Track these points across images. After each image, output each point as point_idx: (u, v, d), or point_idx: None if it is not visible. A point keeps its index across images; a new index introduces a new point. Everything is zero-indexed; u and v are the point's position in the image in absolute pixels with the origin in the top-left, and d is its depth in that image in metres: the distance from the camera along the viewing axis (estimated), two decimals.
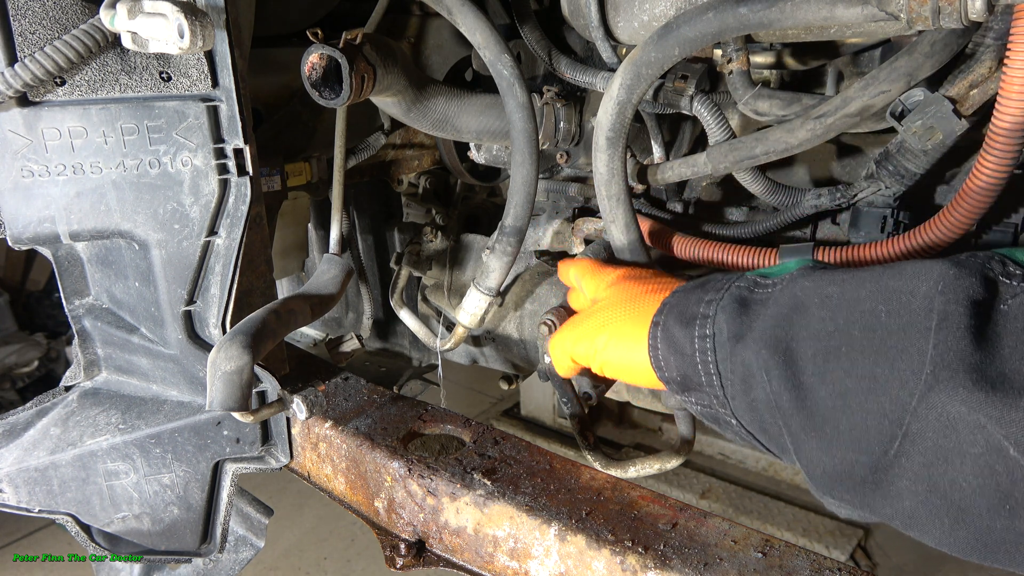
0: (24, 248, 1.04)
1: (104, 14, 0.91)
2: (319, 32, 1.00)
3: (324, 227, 1.88)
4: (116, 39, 0.94)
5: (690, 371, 0.77)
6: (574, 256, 1.32)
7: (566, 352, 0.96)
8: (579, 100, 1.37)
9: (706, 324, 0.76)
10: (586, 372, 1.00)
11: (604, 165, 1.03)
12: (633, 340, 0.86)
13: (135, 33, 0.90)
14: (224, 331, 1.10)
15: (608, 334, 0.89)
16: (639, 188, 1.28)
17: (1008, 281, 0.60)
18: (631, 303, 0.90)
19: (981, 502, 0.54)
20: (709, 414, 0.79)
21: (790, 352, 0.66)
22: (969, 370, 0.55)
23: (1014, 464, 0.52)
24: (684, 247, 1.18)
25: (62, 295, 1.16)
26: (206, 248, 1.08)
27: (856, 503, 0.64)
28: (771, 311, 0.71)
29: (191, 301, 1.10)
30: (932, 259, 0.63)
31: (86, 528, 1.21)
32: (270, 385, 1.15)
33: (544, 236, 1.47)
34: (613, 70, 1.23)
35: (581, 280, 1.03)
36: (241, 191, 1.06)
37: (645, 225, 1.22)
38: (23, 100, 0.96)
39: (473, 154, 1.53)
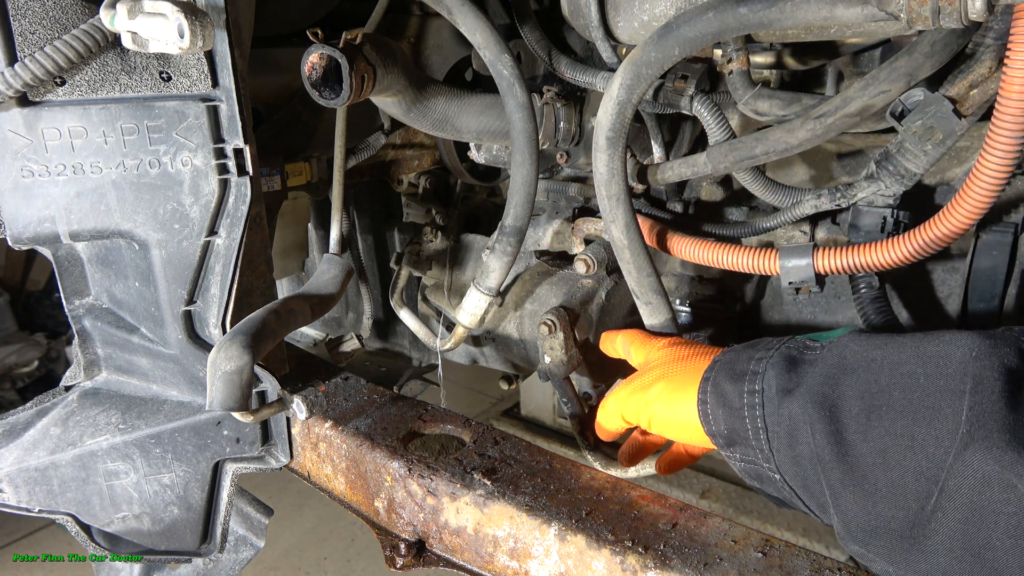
0: (24, 248, 1.04)
1: (104, 14, 0.91)
2: (319, 32, 1.00)
3: (324, 227, 1.88)
4: (116, 39, 0.94)
5: (737, 424, 0.80)
6: (574, 255, 1.32)
7: (617, 409, 1.00)
8: (579, 100, 1.37)
9: (756, 380, 0.80)
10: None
11: (604, 165, 1.03)
12: (683, 394, 0.89)
13: (135, 33, 0.90)
14: (224, 331, 1.10)
15: (660, 388, 0.93)
16: (639, 188, 1.28)
17: None
18: (683, 361, 0.95)
19: (1014, 563, 0.56)
20: (752, 470, 0.82)
21: (835, 409, 0.70)
22: (1003, 431, 0.58)
23: None
24: (684, 247, 1.18)
25: (62, 295, 1.15)
26: (206, 248, 1.08)
27: (891, 558, 0.66)
28: (819, 370, 0.75)
29: (191, 301, 1.10)
30: (969, 331, 0.67)
31: (86, 528, 1.21)
32: (270, 385, 1.15)
33: (544, 236, 1.47)
34: (613, 70, 1.23)
35: (629, 347, 1.07)
36: (241, 191, 1.06)
37: (645, 225, 1.22)
38: (23, 100, 0.96)
39: (473, 154, 1.53)
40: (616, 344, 1.12)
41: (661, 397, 0.92)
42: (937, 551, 0.60)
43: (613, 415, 1.01)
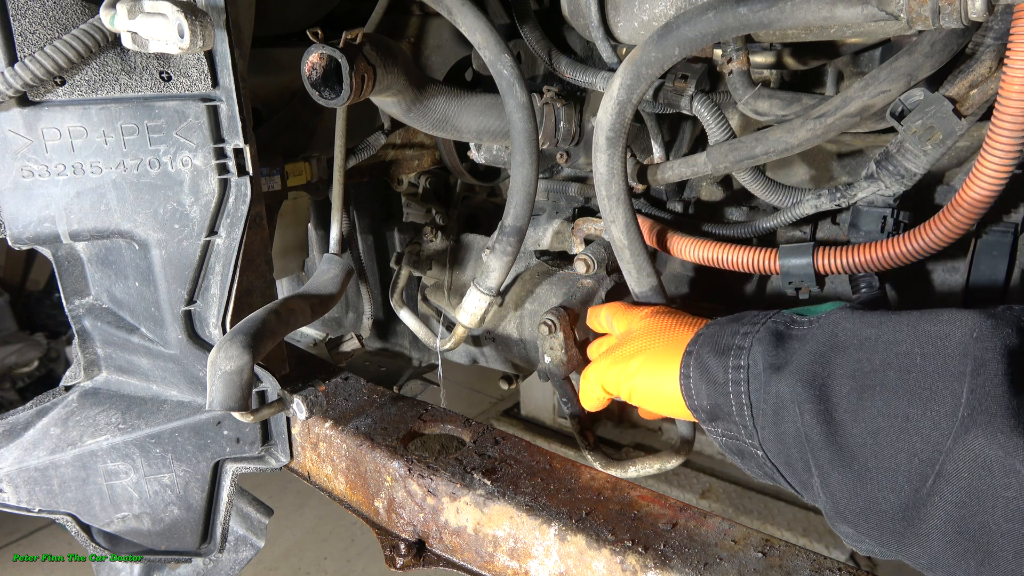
0: (24, 248, 1.04)
1: (104, 14, 0.91)
2: (319, 32, 1.00)
3: (324, 227, 1.88)
4: (116, 39, 0.94)
5: (720, 400, 0.79)
6: (574, 255, 1.32)
7: (598, 380, 0.98)
8: (579, 100, 1.37)
9: (741, 355, 0.78)
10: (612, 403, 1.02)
11: (604, 165, 1.03)
12: (665, 367, 0.88)
13: (135, 33, 0.90)
14: (224, 331, 1.10)
15: (641, 360, 0.91)
16: (639, 188, 1.28)
17: None
18: (665, 332, 0.92)
19: (1009, 547, 0.55)
20: (734, 445, 0.81)
21: (825, 388, 0.68)
22: (1006, 415, 0.56)
23: None
24: (684, 247, 1.18)
25: (62, 295, 1.15)
26: (206, 248, 1.08)
27: (882, 540, 0.65)
28: (809, 348, 0.72)
29: (191, 301, 1.10)
30: (968, 309, 0.65)
31: (86, 528, 1.21)
32: (270, 385, 1.15)
33: (544, 236, 1.47)
34: (613, 70, 1.23)
35: (612, 319, 1.05)
36: (241, 191, 1.06)
37: (645, 225, 1.22)
38: (23, 100, 0.96)
39: (473, 154, 1.53)
40: (600, 318, 1.09)
41: (642, 369, 0.90)
42: (931, 534, 0.59)
43: (593, 386, 0.99)
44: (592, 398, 1.02)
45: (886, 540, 0.64)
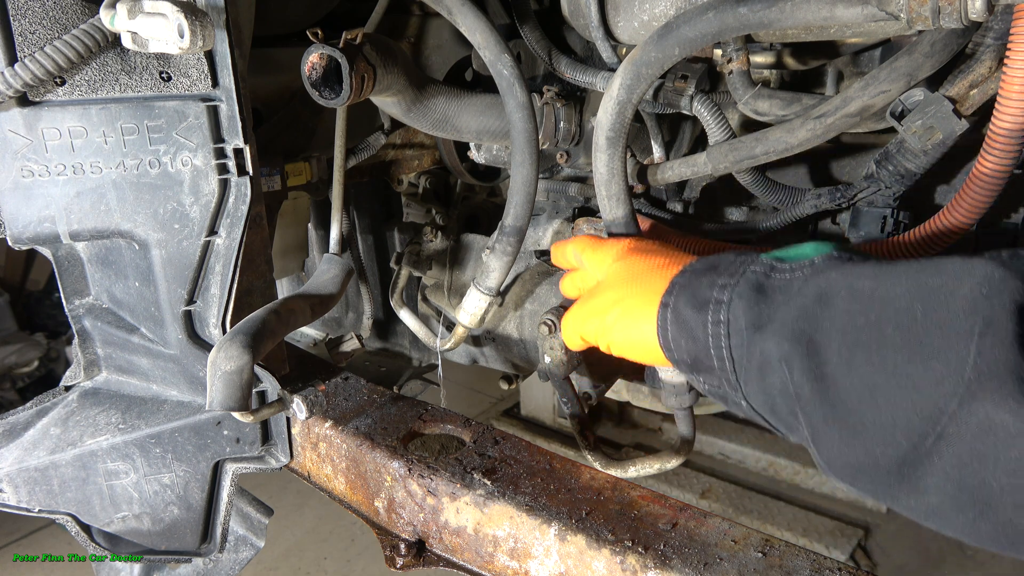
0: (24, 248, 1.04)
1: (104, 14, 0.91)
2: (319, 32, 1.00)
3: (324, 227, 1.88)
4: (116, 39, 0.94)
5: (702, 355, 0.76)
6: None
7: (576, 331, 0.95)
8: (579, 100, 1.37)
9: (720, 310, 0.74)
10: (593, 356, 0.98)
11: (604, 165, 1.03)
12: (641, 319, 0.84)
13: (135, 33, 0.90)
14: (224, 331, 1.10)
15: (617, 313, 0.87)
16: (639, 188, 1.28)
17: None
18: (638, 280, 0.88)
19: (1008, 500, 0.54)
20: (717, 393, 0.79)
21: (813, 344, 0.65)
22: (1016, 381, 0.53)
23: None
24: (683, 247, 1.18)
25: (62, 295, 1.15)
26: (206, 248, 1.08)
27: (876, 493, 0.64)
28: (794, 302, 0.69)
29: (191, 301, 1.10)
30: (975, 256, 0.61)
31: (86, 528, 1.21)
32: (270, 385, 1.15)
33: (544, 236, 1.47)
34: (613, 70, 1.23)
35: (582, 256, 1.00)
36: (241, 191, 1.06)
37: (645, 225, 1.22)
38: (23, 100, 0.96)
39: (473, 154, 1.53)
40: (567, 254, 1.04)
41: (618, 323, 0.87)
42: (928, 490, 0.58)
43: (573, 336, 0.97)
44: (573, 344, 1.00)
45: (879, 493, 0.63)
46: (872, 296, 0.63)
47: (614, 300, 0.89)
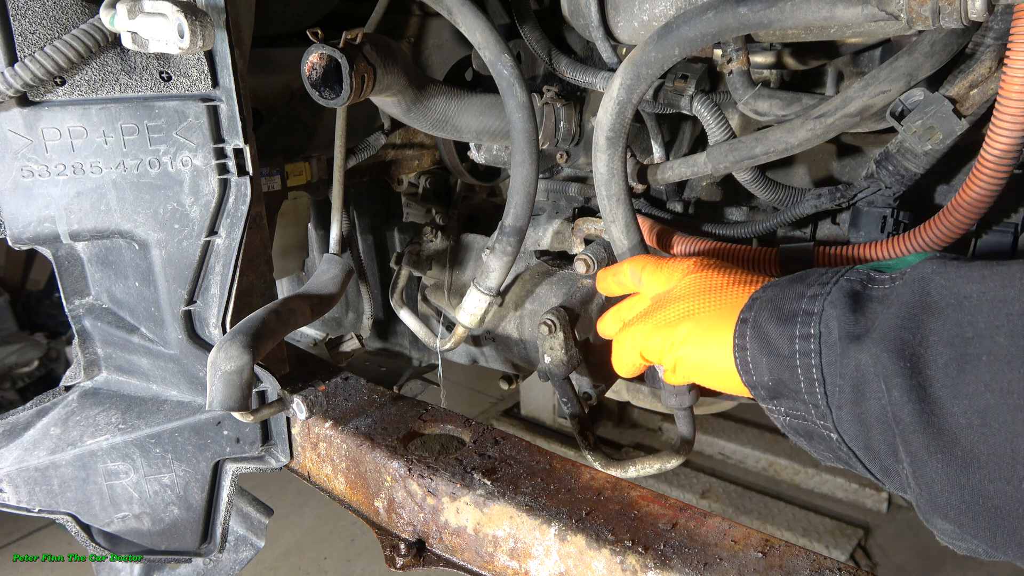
0: (24, 248, 1.04)
1: (104, 14, 0.91)
2: (319, 32, 1.00)
3: (324, 227, 1.88)
4: (116, 39, 0.94)
5: (785, 375, 0.68)
6: (574, 255, 1.32)
7: (635, 347, 0.85)
8: (579, 100, 1.37)
9: (809, 322, 0.66)
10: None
11: (604, 165, 1.03)
12: (716, 336, 0.75)
13: (135, 33, 0.90)
14: (224, 331, 1.10)
15: (689, 327, 0.77)
16: (639, 188, 1.28)
17: None
18: (715, 293, 0.78)
19: None
20: (800, 426, 0.70)
21: (917, 359, 0.57)
22: None
23: None
24: (684, 247, 1.18)
25: (62, 295, 1.16)
26: (206, 248, 1.08)
27: (994, 541, 0.55)
28: (895, 310, 0.61)
29: (191, 301, 1.10)
30: None
31: (86, 528, 1.21)
32: (270, 385, 1.15)
33: (544, 236, 1.47)
34: (613, 70, 1.23)
35: (641, 274, 0.90)
36: (241, 191, 1.06)
37: (645, 225, 1.22)
38: (23, 100, 0.96)
39: (473, 154, 1.53)
40: (623, 275, 0.93)
41: (690, 338, 0.77)
42: None
43: (630, 352, 0.86)
44: (627, 365, 0.89)
45: (1000, 541, 0.54)
46: (981, 301, 0.56)
47: (686, 312, 0.79)
